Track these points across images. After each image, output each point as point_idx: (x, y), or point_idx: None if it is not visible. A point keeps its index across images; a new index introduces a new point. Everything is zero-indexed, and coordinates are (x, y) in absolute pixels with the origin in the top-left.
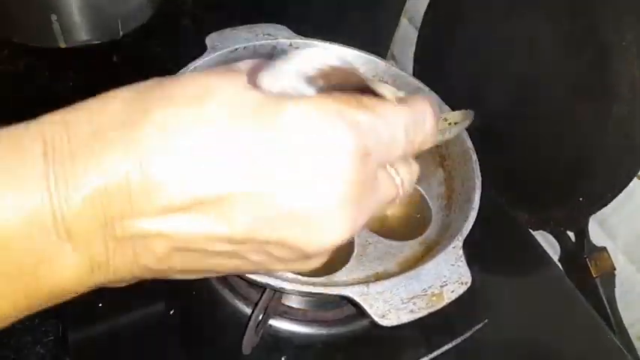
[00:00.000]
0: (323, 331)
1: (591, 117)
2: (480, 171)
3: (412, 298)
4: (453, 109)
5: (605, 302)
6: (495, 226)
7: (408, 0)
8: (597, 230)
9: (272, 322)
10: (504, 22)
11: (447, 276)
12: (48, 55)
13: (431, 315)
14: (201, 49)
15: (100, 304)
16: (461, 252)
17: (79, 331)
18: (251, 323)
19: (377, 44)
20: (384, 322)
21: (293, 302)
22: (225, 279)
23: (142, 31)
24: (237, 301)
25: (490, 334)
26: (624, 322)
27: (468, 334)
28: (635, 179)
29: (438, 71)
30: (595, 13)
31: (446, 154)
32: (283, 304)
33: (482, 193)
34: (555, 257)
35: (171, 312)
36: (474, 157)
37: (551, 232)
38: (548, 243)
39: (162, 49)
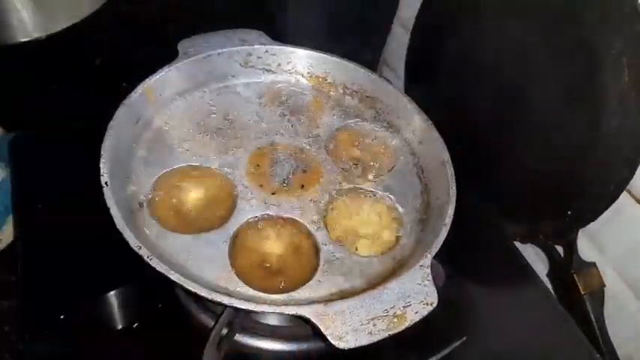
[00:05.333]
0: (293, 348)
1: (581, 129)
2: (469, 182)
3: (372, 319)
4: (444, 117)
5: (593, 320)
6: (480, 238)
7: (401, 6)
8: (587, 244)
9: (238, 337)
10: (495, 31)
11: (412, 296)
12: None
13: (407, 330)
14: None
15: (62, 316)
16: (428, 271)
17: (40, 343)
18: (210, 340)
19: (368, 50)
20: (341, 345)
21: (261, 317)
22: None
23: (126, 35)
24: (203, 316)
25: (469, 352)
26: (613, 342)
27: (444, 352)
28: (625, 193)
29: (428, 79)
30: (585, 22)
31: (424, 166)
32: (251, 319)
33: (469, 204)
34: (544, 272)
35: (135, 325)
36: (450, 170)
37: (539, 246)
38: (537, 257)
39: (146, 54)
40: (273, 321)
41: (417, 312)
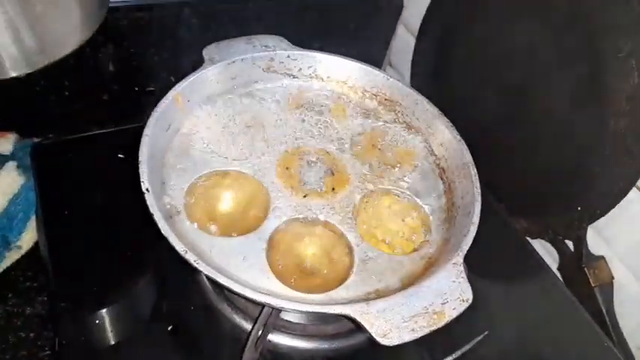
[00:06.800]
0: (324, 346)
1: (590, 128)
2: (480, 181)
3: (413, 316)
4: (452, 118)
5: (604, 312)
6: (494, 235)
7: (405, 8)
8: (595, 239)
9: (271, 337)
10: (502, 32)
11: (448, 293)
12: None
13: None
14: (198, 59)
15: (97, 322)
16: (461, 268)
17: (73, 347)
18: (250, 339)
19: (374, 52)
20: (386, 342)
21: (292, 317)
22: (223, 294)
23: (139, 39)
24: (235, 316)
25: (491, 345)
26: (623, 331)
27: (468, 347)
28: (634, 189)
29: (435, 80)
30: (592, 25)
31: (445, 167)
32: (282, 319)
33: (481, 202)
34: (554, 266)
35: (170, 328)
36: (474, 171)
37: (549, 241)
38: (546, 251)
39: (159, 59)
40: (303, 320)
41: (454, 308)
